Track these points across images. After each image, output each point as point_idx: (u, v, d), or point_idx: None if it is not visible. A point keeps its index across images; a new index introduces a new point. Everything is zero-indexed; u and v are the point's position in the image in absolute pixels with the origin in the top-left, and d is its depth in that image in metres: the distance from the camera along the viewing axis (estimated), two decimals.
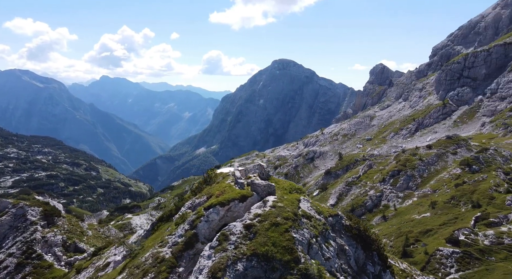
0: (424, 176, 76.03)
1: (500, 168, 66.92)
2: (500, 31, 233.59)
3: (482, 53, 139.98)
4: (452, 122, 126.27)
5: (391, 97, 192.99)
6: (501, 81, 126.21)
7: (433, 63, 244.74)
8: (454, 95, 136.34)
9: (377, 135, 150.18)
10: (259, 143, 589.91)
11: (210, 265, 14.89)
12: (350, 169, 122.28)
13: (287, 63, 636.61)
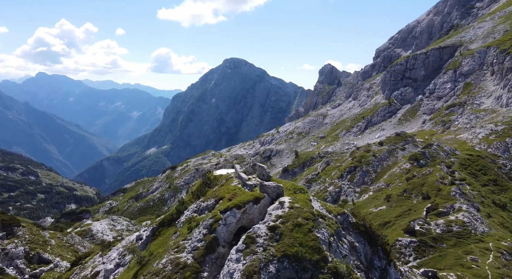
0: (378, 171, 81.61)
1: (443, 162, 73.99)
2: (434, 36, 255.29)
3: (421, 56, 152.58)
4: (397, 120, 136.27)
5: (341, 96, 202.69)
6: (437, 82, 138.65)
7: (376, 64, 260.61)
8: (398, 95, 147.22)
9: (330, 133, 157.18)
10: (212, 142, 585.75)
11: (242, 268, 15.22)
12: (307, 166, 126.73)
13: (238, 62, 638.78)
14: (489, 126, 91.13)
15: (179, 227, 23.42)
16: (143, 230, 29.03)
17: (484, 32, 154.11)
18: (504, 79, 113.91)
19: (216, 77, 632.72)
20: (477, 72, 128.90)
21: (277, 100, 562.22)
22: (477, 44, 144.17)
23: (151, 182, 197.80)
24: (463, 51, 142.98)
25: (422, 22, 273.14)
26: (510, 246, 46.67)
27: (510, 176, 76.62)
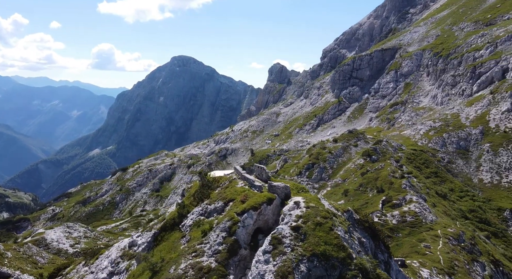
0: (334, 167, 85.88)
1: (392, 157, 80.00)
2: (374, 38, 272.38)
3: (366, 57, 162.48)
4: (347, 118, 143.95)
5: (293, 95, 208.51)
6: (381, 82, 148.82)
7: (324, 64, 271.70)
8: (347, 94, 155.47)
9: (284, 131, 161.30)
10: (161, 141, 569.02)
11: (273, 269, 15.51)
12: (264, 164, 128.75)
13: (187, 60, 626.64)
14: (428, 123, 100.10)
15: (185, 231, 22.96)
16: (136, 236, 27.99)
17: (419, 36, 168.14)
18: (438, 79, 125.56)
19: (164, 75, 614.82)
20: (415, 73, 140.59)
21: (228, 99, 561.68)
22: (414, 47, 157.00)
23: (99, 185, 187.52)
24: (402, 54, 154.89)
25: (364, 25, 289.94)
26: (455, 232, 52.14)
27: (448, 168, 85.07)
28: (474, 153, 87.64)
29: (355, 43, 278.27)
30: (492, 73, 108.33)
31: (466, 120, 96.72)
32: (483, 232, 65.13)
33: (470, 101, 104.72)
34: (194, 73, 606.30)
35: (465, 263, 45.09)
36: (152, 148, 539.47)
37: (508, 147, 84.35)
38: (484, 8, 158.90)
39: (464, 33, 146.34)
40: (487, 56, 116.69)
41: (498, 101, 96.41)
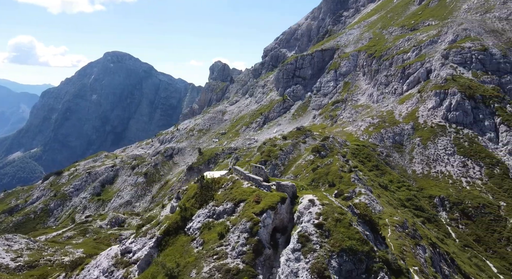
0: (286, 164, 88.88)
1: (339, 152, 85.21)
2: (312, 38, 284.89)
3: (308, 56, 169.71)
4: (291, 116, 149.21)
5: (238, 94, 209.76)
6: (322, 80, 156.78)
7: (265, 62, 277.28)
8: (290, 92, 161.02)
9: (231, 129, 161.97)
10: (95, 142, 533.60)
11: (308, 266, 15.83)
12: (212, 163, 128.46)
13: (122, 56, 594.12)
14: (367, 120, 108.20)
15: (194, 234, 22.19)
16: (129, 242, 26.36)
17: (354, 38, 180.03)
18: (373, 79, 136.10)
19: (96, 71, 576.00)
20: (353, 72, 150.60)
21: (167, 97, 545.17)
22: (351, 48, 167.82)
23: (28, 191, 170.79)
24: (340, 54, 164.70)
25: (302, 25, 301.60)
26: (400, 220, 57.58)
27: (386, 161, 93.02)
28: (407, 147, 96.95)
29: (294, 43, 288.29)
30: (418, 74, 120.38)
31: (399, 117, 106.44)
32: (419, 218, 72.75)
33: (402, 99, 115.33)
34: (131, 70, 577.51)
35: (411, 248, 50.22)
36: (85, 149, 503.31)
37: (434, 141, 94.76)
38: (408, 15, 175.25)
39: (393, 37, 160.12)
40: (413, 59, 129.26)
41: (425, 99, 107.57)
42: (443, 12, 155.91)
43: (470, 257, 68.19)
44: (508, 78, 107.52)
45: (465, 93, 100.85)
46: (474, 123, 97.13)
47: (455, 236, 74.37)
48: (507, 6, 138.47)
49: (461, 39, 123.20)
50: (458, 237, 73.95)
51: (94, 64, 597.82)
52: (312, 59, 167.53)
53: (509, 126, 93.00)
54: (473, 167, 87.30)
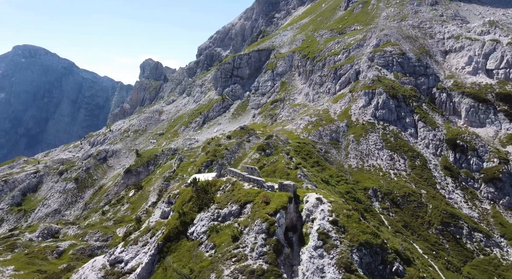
0: (232, 163, 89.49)
1: (283, 150, 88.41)
2: (246, 38, 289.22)
3: (245, 56, 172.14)
4: (231, 115, 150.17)
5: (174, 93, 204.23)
6: (260, 80, 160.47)
7: (200, 61, 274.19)
8: (229, 91, 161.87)
9: (169, 129, 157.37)
10: (4, 146, 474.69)
11: (332, 261, 16.12)
12: (152, 165, 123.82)
13: (35, 50, 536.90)
14: (306, 118, 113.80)
15: (199, 238, 21.00)
16: (119, 252, 24.04)
17: (288, 39, 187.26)
18: (309, 79, 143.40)
19: (4, 67, 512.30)
20: (289, 73, 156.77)
21: (93, 96, 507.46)
22: (286, 49, 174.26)
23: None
24: (276, 54, 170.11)
25: (236, 25, 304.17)
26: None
27: (325, 157, 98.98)
28: (343, 143, 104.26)
29: (229, 42, 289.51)
30: (349, 75, 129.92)
31: (335, 115, 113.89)
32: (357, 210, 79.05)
33: (335, 98, 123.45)
34: (47, 66, 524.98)
35: None
36: None
37: (366, 137, 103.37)
38: (336, 19, 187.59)
39: (324, 39, 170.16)
40: (343, 60, 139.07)
41: (356, 98, 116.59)
42: (366, 18, 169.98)
43: (401, 241, 76.17)
44: (422, 79, 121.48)
45: (389, 93, 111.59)
46: (398, 120, 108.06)
47: (387, 223, 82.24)
48: (418, 16, 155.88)
49: (383, 43, 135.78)
50: (390, 224, 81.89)
51: (1, 58, 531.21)
52: (249, 59, 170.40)
53: (425, 123, 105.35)
54: (399, 159, 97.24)
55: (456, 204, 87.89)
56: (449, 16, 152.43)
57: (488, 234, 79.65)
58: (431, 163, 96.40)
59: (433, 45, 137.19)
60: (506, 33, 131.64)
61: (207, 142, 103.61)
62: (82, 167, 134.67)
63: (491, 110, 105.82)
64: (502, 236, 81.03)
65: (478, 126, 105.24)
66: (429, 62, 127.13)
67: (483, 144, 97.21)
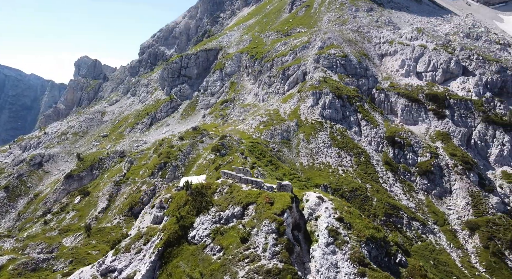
0: (186, 164, 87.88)
1: (238, 150, 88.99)
2: (191, 37, 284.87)
3: (193, 56, 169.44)
4: (180, 115, 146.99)
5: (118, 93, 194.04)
6: (209, 80, 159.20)
7: (143, 60, 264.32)
8: (177, 91, 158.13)
9: (113, 131, 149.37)
10: None
11: (345, 257, 16.38)
12: (96, 169, 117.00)
13: None
14: (257, 118, 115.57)
15: (203, 242, 19.84)
16: (111, 261, 21.92)
17: (235, 39, 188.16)
18: (258, 80, 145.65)
19: None
20: (238, 73, 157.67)
21: (18, 95, 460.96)
22: (233, 50, 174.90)
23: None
24: (224, 55, 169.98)
25: (180, 23, 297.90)
26: None
27: (278, 156, 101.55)
28: (294, 142, 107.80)
29: (173, 41, 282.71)
30: (296, 75, 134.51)
31: (285, 115, 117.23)
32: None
33: (285, 98, 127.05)
34: None
35: None
36: None
37: (315, 135, 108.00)
38: (281, 21, 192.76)
39: (270, 40, 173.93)
40: (291, 61, 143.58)
41: (304, 98, 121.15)
42: (310, 21, 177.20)
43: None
44: (363, 81, 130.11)
45: (335, 93, 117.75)
46: (343, 119, 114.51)
47: None
48: (357, 21, 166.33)
49: (327, 46, 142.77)
50: None
51: None
52: (197, 59, 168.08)
53: (367, 121, 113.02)
54: (346, 156, 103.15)
55: (396, 196, 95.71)
56: (383, 22, 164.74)
57: (423, 222, 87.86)
58: (374, 159, 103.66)
59: (371, 49, 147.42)
60: (431, 40, 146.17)
61: (159, 143, 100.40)
62: (13, 174, 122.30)
63: (422, 109, 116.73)
64: (435, 223, 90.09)
65: (412, 124, 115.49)
66: (369, 65, 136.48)
67: (417, 140, 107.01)
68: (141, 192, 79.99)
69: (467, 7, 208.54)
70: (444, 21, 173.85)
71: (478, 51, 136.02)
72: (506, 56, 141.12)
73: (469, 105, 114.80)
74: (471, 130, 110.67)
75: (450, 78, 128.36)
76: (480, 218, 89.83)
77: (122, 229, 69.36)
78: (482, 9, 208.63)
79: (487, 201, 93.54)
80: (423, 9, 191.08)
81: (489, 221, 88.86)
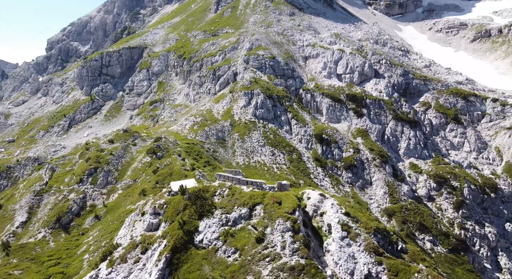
0: (119, 169, 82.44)
1: (175, 152, 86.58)
2: (109, 34, 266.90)
3: (115, 54, 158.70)
4: (104, 117, 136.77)
5: (25, 92, 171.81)
6: (134, 79, 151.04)
7: (52, 56, 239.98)
8: (99, 91, 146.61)
9: (22, 135, 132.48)
10: None
11: (361, 248, 16.74)
12: (5, 179, 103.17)
13: None
14: (191, 118, 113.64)
15: (215, 245, 18.09)
16: (107, 273, 18.68)
17: (161, 38, 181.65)
18: (188, 80, 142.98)
19: None
20: (165, 72, 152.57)
21: None
22: (159, 48, 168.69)
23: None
24: (150, 53, 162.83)
25: (95, 18, 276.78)
26: None
27: (214, 156, 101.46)
28: (229, 142, 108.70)
29: (88, 36, 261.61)
30: (227, 76, 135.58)
31: (218, 115, 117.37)
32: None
33: (217, 98, 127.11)
34: None
35: None
36: None
37: (249, 135, 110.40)
38: (208, 21, 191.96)
39: (198, 40, 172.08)
40: (221, 62, 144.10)
41: (237, 99, 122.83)
42: (236, 22, 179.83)
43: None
44: (291, 81, 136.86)
45: (266, 93, 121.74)
46: (275, 118, 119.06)
47: None
48: (281, 24, 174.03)
49: (256, 47, 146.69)
50: None
51: None
52: (120, 57, 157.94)
53: (297, 120, 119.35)
54: (279, 154, 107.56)
55: (326, 189, 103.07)
56: (305, 26, 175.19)
57: None
58: (305, 156, 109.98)
59: (296, 51, 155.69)
60: (347, 44, 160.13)
61: (85, 147, 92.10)
62: None
63: (344, 108, 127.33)
64: None
65: (336, 122, 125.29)
66: (295, 66, 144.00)
67: (341, 137, 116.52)
68: (69, 201, 72.66)
69: (372, 16, 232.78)
70: (356, 28, 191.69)
71: (386, 56, 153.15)
72: (407, 61, 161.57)
73: (382, 104, 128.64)
74: (384, 127, 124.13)
75: (365, 80, 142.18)
76: (395, 205, 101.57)
77: (50, 243, 62.61)
78: (384, 19, 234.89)
79: (400, 189, 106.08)
80: (338, 16, 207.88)
81: (402, 207, 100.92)
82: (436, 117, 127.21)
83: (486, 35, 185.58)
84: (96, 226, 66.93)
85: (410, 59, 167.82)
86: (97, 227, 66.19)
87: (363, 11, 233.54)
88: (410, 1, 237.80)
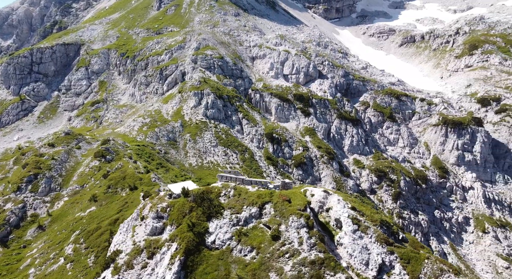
0: (64, 174, 76.10)
1: (125, 154, 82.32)
2: (36, 28, 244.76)
3: (47, 50, 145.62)
4: (37, 119, 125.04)
5: None
6: (71, 78, 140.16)
7: None
8: (30, 91, 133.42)
9: None
10: None
11: (373, 240, 17.04)
12: None
13: None
14: (139, 119, 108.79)
15: (229, 245, 16.62)
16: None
17: (99, 34, 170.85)
18: (132, 79, 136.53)
19: None
20: (107, 71, 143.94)
21: None
22: (99, 46, 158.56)
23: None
24: (88, 51, 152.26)
25: (18, 10, 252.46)
26: None
27: (166, 158, 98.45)
28: (180, 143, 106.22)
29: (10, 30, 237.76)
30: (175, 75, 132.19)
31: (168, 116, 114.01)
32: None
33: (165, 99, 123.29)
34: None
35: None
36: None
37: (201, 135, 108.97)
38: (150, 18, 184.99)
39: (141, 38, 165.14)
40: (167, 61, 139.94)
41: (186, 99, 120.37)
42: (181, 21, 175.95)
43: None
44: (240, 82, 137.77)
45: (216, 93, 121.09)
46: (226, 118, 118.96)
47: None
48: (227, 24, 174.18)
49: (203, 47, 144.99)
50: None
51: None
52: (54, 54, 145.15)
53: (248, 120, 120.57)
54: (232, 154, 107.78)
55: None
56: (251, 27, 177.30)
57: None
58: (257, 155, 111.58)
59: (243, 52, 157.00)
60: (292, 46, 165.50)
61: (21, 152, 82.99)
62: None
63: (292, 108, 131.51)
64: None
65: (285, 121, 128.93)
66: (243, 66, 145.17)
67: (291, 135, 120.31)
68: (5, 211, 65.15)
69: (312, 19, 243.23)
70: (299, 30, 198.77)
71: (328, 58, 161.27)
72: (347, 63, 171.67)
73: (327, 104, 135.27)
74: (330, 125, 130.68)
75: (310, 80, 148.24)
76: None
77: None
78: (323, 22, 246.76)
79: (346, 184, 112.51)
80: (281, 18, 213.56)
81: None
82: (374, 115, 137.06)
83: (411, 41, 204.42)
84: (40, 237, 61.19)
85: (349, 61, 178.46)
86: (41, 238, 60.55)
87: (304, 14, 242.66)
88: (346, 7, 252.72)
